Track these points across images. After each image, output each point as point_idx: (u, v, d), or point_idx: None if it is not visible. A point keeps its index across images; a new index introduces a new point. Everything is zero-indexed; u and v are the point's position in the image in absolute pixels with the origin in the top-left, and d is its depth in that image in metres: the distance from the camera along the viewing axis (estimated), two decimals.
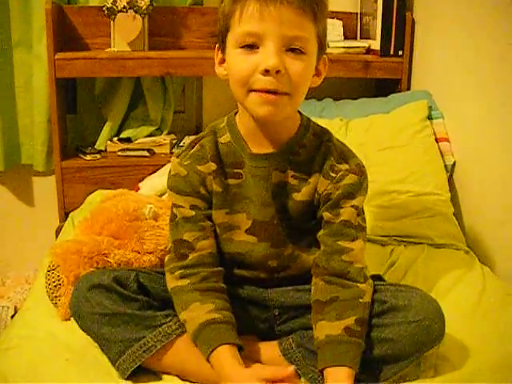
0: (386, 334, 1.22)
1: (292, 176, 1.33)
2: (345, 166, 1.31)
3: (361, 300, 1.24)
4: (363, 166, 1.35)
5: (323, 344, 1.21)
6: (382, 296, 1.28)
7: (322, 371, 1.20)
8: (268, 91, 1.19)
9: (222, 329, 1.21)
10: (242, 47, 1.21)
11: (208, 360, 1.19)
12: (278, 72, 1.18)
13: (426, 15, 2.37)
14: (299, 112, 1.36)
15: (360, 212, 1.32)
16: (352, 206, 1.30)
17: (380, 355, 1.22)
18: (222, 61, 1.30)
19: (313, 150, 1.33)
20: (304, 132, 1.34)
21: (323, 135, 1.36)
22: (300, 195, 1.33)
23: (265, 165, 1.32)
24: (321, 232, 1.33)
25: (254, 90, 1.21)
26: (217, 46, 1.32)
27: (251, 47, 1.20)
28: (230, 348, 1.19)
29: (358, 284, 1.26)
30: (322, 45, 1.27)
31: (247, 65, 1.20)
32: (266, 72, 1.18)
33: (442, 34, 2.24)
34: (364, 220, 1.34)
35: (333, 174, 1.31)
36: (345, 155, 1.34)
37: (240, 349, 1.21)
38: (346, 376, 1.16)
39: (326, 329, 1.22)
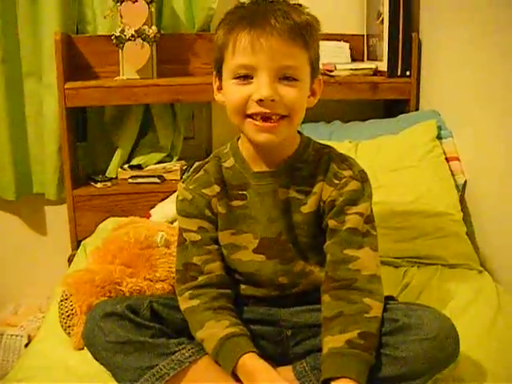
0: (399, 353, 1.20)
1: (296, 191, 1.35)
2: (348, 173, 1.33)
3: (366, 315, 1.23)
4: (365, 173, 1.36)
5: (325, 357, 1.21)
6: (393, 315, 1.27)
7: None
8: (264, 116, 1.24)
9: (242, 340, 1.23)
10: (237, 78, 1.26)
11: (233, 373, 1.20)
12: (272, 101, 1.22)
13: (432, 35, 2.38)
14: (299, 132, 1.40)
15: (368, 219, 1.33)
16: (357, 213, 1.31)
17: (394, 374, 1.20)
18: (220, 88, 1.35)
19: (314, 164, 1.36)
20: (304, 149, 1.37)
21: (324, 149, 1.39)
22: (307, 207, 1.34)
23: (270, 182, 1.35)
24: (327, 242, 1.34)
25: (250, 116, 1.25)
26: (214, 73, 1.37)
27: (245, 77, 1.25)
28: (255, 355, 1.21)
29: (364, 298, 1.25)
30: (315, 68, 1.32)
31: (241, 95, 1.25)
32: (261, 101, 1.23)
33: (449, 52, 2.24)
34: (374, 228, 1.34)
35: (336, 181, 1.33)
36: (348, 162, 1.36)
37: None
38: None
39: (329, 343, 1.22)
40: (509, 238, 1.89)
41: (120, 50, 2.30)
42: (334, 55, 2.44)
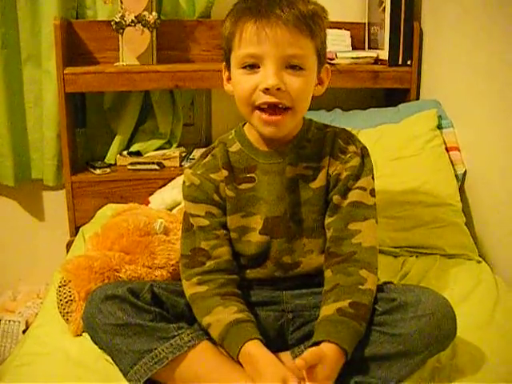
0: (397, 330, 1.22)
1: (304, 167, 1.39)
2: (352, 148, 1.40)
3: (360, 287, 1.27)
4: (366, 149, 1.43)
5: (316, 324, 1.24)
6: (390, 294, 1.30)
7: None
8: (270, 106, 1.27)
9: (248, 326, 1.25)
10: (244, 67, 1.30)
11: (237, 358, 1.21)
12: (278, 89, 1.26)
13: (434, 24, 2.37)
14: None
15: (373, 192, 1.39)
16: (359, 188, 1.36)
17: (392, 352, 1.22)
18: (229, 78, 1.39)
19: (318, 141, 1.41)
20: (308, 128, 1.42)
21: (326, 127, 1.44)
22: (316, 182, 1.39)
23: (279, 160, 1.39)
24: (329, 219, 1.37)
25: (258, 108, 1.29)
26: (223, 64, 1.40)
27: (252, 67, 1.28)
28: (260, 342, 1.22)
29: (361, 270, 1.29)
30: (321, 56, 1.35)
31: (249, 84, 1.28)
32: (267, 90, 1.26)
33: (451, 42, 2.23)
34: (374, 202, 1.39)
35: (342, 156, 1.39)
36: (351, 137, 1.42)
37: None
38: (331, 350, 1.17)
39: (322, 312, 1.25)
40: (508, 229, 1.89)
41: (120, 36, 2.28)
42: (334, 43, 2.43)
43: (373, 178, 1.41)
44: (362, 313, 1.23)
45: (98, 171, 2.36)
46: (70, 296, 1.45)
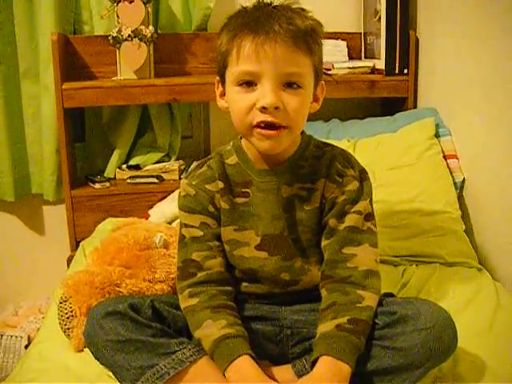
0: (397, 344, 1.21)
1: (299, 188, 1.37)
2: (350, 172, 1.36)
3: (358, 305, 1.26)
4: (366, 172, 1.40)
5: (315, 341, 1.23)
6: (390, 308, 1.29)
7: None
8: (267, 125, 1.24)
9: (236, 342, 1.23)
10: (240, 85, 1.26)
11: (224, 375, 1.20)
12: (276, 108, 1.23)
13: (430, 32, 2.37)
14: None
15: (369, 217, 1.36)
16: (356, 212, 1.34)
17: (393, 365, 1.21)
18: (223, 94, 1.36)
19: (316, 160, 1.38)
20: (306, 146, 1.39)
21: (326, 146, 1.42)
22: (310, 204, 1.37)
23: (274, 179, 1.37)
24: (325, 242, 1.36)
25: (256, 126, 1.26)
26: (217, 78, 1.37)
27: (249, 84, 1.25)
28: (248, 358, 1.20)
29: (358, 290, 1.27)
30: (318, 73, 1.33)
31: (245, 103, 1.25)
32: (264, 109, 1.23)
33: (447, 50, 2.24)
34: (374, 225, 1.37)
35: (339, 179, 1.36)
36: (350, 160, 1.39)
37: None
38: (330, 364, 1.16)
39: (321, 329, 1.24)
40: (507, 236, 1.89)
41: (117, 51, 2.29)
42: (331, 54, 2.44)
43: (371, 201, 1.38)
44: (361, 328, 1.22)
45: (97, 185, 2.36)
46: (71, 312, 1.45)
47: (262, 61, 1.22)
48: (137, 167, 2.45)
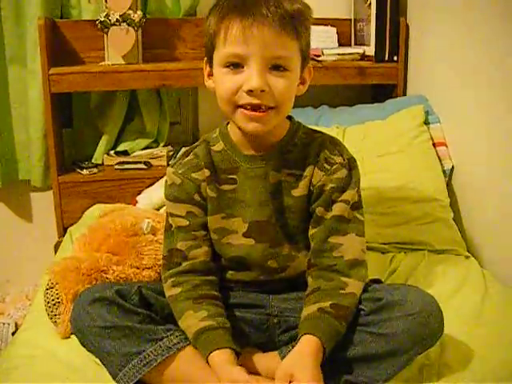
0: (384, 330, 1.22)
1: (288, 174, 1.37)
2: (339, 159, 1.36)
3: (341, 291, 1.27)
4: (355, 161, 1.39)
5: (299, 325, 1.24)
6: (376, 294, 1.29)
7: None
8: (253, 107, 1.25)
9: (215, 335, 1.23)
10: (227, 66, 1.26)
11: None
12: (262, 91, 1.23)
13: (420, 19, 2.37)
14: (290, 116, 1.41)
15: (356, 205, 1.36)
16: (343, 201, 1.34)
17: (379, 351, 1.22)
18: (211, 74, 1.36)
19: (305, 146, 1.38)
20: (294, 132, 1.39)
21: (315, 133, 1.41)
22: (298, 191, 1.36)
23: (261, 165, 1.36)
24: (313, 230, 1.36)
25: (240, 106, 1.26)
26: (205, 59, 1.37)
27: (236, 66, 1.25)
28: (223, 352, 1.21)
29: (342, 278, 1.28)
30: (305, 56, 1.32)
31: (232, 84, 1.25)
32: (250, 92, 1.23)
33: (437, 37, 2.23)
34: (362, 214, 1.37)
35: (327, 166, 1.35)
36: (339, 148, 1.38)
37: (237, 354, 1.22)
38: (310, 342, 1.18)
39: (304, 312, 1.25)
40: (495, 224, 1.89)
41: (105, 35, 2.27)
42: (321, 40, 2.43)
43: (359, 189, 1.38)
44: (343, 313, 1.23)
45: (85, 171, 2.35)
46: (58, 298, 1.44)
47: (250, 43, 1.22)
48: (125, 153, 2.44)
